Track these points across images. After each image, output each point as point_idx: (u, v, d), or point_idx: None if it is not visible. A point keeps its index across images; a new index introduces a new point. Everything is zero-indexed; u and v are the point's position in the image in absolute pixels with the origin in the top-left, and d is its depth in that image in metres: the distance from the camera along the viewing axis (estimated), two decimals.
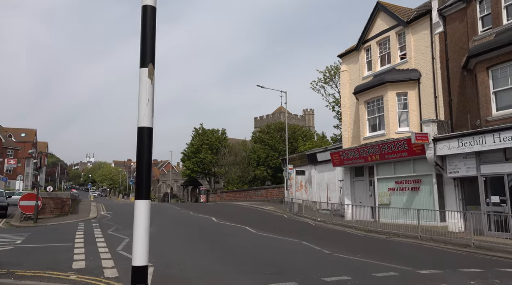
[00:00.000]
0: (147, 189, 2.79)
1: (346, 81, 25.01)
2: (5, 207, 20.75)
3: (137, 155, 2.72)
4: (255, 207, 32.36)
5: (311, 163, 30.27)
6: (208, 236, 13.64)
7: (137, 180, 2.74)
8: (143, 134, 2.71)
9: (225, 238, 12.98)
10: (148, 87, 2.76)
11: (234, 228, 16.07)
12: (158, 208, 29.61)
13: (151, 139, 2.75)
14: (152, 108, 2.79)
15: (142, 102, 2.74)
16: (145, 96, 2.75)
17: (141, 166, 2.72)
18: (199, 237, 13.04)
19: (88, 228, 15.45)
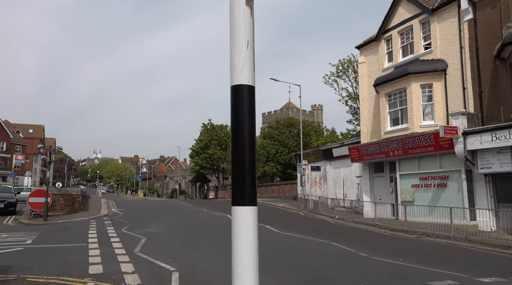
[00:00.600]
0: (251, 190, 1.75)
1: (364, 73, 24.00)
2: (14, 204, 20.11)
3: (234, 135, 1.73)
4: (267, 204, 31.54)
5: (326, 159, 29.34)
6: (228, 236, 12.79)
7: (236, 176, 1.74)
8: (242, 99, 1.68)
9: None
10: (246, 21, 1.75)
11: None
12: (170, 205, 28.88)
13: (253, 107, 1.73)
14: (253, 55, 1.77)
15: (238, 46, 1.72)
16: (243, 36, 1.73)
17: (240, 153, 1.69)
18: (220, 238, 12.20)
19: (101, 226, 14.71)
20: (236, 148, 1.75)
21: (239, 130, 1.71)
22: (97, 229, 13.84)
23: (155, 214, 20.61)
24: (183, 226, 15.63)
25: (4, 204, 19.63)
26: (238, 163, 1.72)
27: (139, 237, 11.74)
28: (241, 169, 1.71)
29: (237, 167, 1.72)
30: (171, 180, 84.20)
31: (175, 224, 15.95)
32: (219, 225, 15.97)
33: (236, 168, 1.74)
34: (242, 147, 1.69)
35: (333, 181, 28.66)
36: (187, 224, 16.39)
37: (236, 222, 1.80)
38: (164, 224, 15.84)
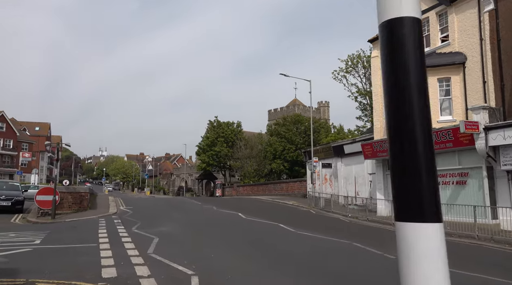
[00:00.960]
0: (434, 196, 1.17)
1: (377, 67, 23.35)
2: (21, 202, 19.75)
3: (392, 102, 1.16)
4: (277, 201, 31.03)
5: (337, 156, 28.76)
6: (244, 235, 12.28)
7: (404, 173, 1.18)
8: (403, 41, 1.17)
9: (264, 238, 11.64)
10: None
11: (268, 226, 14.73)
12: (178, 203, 28.46)
13: (422, 57, 1.16)
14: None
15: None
16: None
17: (408, 134, 1.17)
18: (235, 238, 11.69)
19: (110, 225, 14.27)
20: (400, 124, 1.17)
21: (402, 91, 1.13)
22: (107, 228, 13.41)
23: (164, 212, 20.18)
24: (194, 224, 15.15)
25: (11, 202, 19.27)
26: (404, 151, 1.14)
27: (151, 236, 11.28)
28: (414, 162, 1.15)
29: (404, 159, 1.15)
30: (177, 178, 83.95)
31: (186, 223, 15.48)
32: (230, 224, 15.48)
33: (402, 161, 1.15)
34: (410, 121, 1.14)
35: (344, 178, 28.09)
36: (198, 222, 15.92)
37: (412, 247, 1.17)
38: (174, 222, 15.38)
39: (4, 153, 66.53)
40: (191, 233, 12.43)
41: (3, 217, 17.98)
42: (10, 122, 68.79)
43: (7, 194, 19.57)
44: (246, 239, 11.44)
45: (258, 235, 12.23)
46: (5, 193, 19.60)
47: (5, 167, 66.37)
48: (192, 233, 12.43)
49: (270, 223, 15.58)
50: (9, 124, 68.33)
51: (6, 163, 67.10)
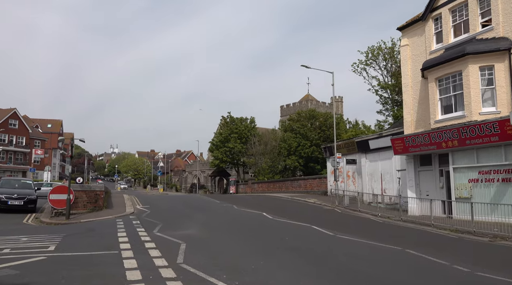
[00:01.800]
0: None
1: (407, 57, 21.87)
2: (34, 201, 18.80)
3: None
4: (297, 199, 29.78)
5: (361, 151, 27.34)
6: (279, 240, 11.02)
7: None
8: None
9: (303, 244, 10.33)
10: None
11: (301, 229, 13.47)
12: (195, 201, 27.32)
13: None
14: None
15: None
16: None
17: None
18: (270, 243, 10.39)
19: (130, 227, 13.14)
20: None
21: None
22: (127, 230, 12.28)
23: (183, 211, 19.05)
24: (219, 226, 13.93)
25: (23, 201, 18.33)
26: None
27: (177, 241, 10.10)
28: None
29: None
30: (190, 175, 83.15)
31: (211, 224, 14.28)
32: (259, 226, 14.24)
33: None
34: None
35: (369, 175, 26.67)
36: (222, 224, 14.68)
37: None
38: (198, 224, 14.20)
39: (17, 150, 66.35)
40: (220, 237, 11.21)
41: (15, 217, 17.05)
42: (22, 119, 68.58)
43: (20, 192, 18.63)
44: (283, 244, 10.15)
45: (295, 240, 10.95)
46: (17, 191, 18.67)
47: (18, 164, 66.22)
48: (221, 237, 11.21)
49: (302, 224, 14.32)
50: (21, 121, 68.11)
51: (19, 160, 66.93)
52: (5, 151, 64.93)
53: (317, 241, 10.68)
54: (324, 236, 11.66)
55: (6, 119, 65.02)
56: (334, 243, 10.48)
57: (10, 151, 65.64)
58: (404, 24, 22.21)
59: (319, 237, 11.52)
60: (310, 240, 10.82)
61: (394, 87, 37.11)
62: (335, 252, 9.16)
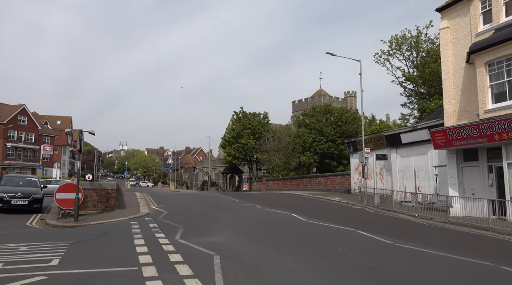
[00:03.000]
0: None
1: (448, 40, 19.72)
2: (39, 200, 17.12)
3: None
4: (319, 198, 27.82)
5: (391, 146, 25.25)
6: (329, 250, 8.85)
7: None
8: None
9: (364, 256, 8.21)
10: None
11: (346, 234, 11.53)
12: (212, 199, 25.48)
13: None
14: None
15: None
16: None
17: None
18: (325, 256, 8.41)
19: (147, 232, 11.30)
20: None
21: None
22: (144, 236, 10.44)
23: (203, 212, 17.21)
24: (251, 231, 11.98)
25: (28, 200, 16.64)
26: None
27: (208, 252, 8.23)
28: None
29: None
30: (200, 172, 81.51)
31: (239, 229, 12.37)
32: (295, 230, 12.25)
33: None
34: None
35: (400, 172, 24.57)
36: (253, 228, 12.65)
37: None
38: (224, 227, 12.33)
39: (26, 147, 65.30)
40: (257, 247, 9.30)
41: (18, 218, 15.37)
42: (31, 116, 67.49)
43: (24, 191, 16.95)
44: (344, 259, 8.11)
45: (353, 252, 8.89)
46: (21, 190, 16.99)
47: (27, 161, 65.17)
48: (259, 247, 9.29)
49: (344, 229, 12.38)
50: (30, 117, 67.02)
51: (28, 157, 65.89)
52: (14, 148, 63.90)
53: (383, 254, 8.66)
54: (383, 246, 9.68)
55: (15, 115, 63.94)
56: (404, 257, 8.46)
57: (19, 148, 64.61)
58: (444, 4, 20.07)
59: (378, 247, 9.54)
60: (371, 252, 8.81)
61: (419, 78, 34.87)
62: (423, 274, 7.13)
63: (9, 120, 62.56)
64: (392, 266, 7.46)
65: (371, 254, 8.58)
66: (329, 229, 12.29)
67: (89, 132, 14.76)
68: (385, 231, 12.22)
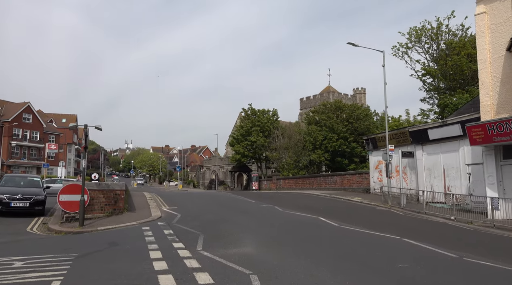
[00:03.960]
0: None
1: (485, 27, 18.05)
2: (42, 202, 15.71)
3: None
4: (337, 198, 26.26)
5: (416, 143, 23.61)
6: (395, 270, 7.45)
7: None
8: None
9: (440, 279, 6.80)
10: None
11: (393, 243, 9.95)
12: (225, 200, 23.97)
13: None
14: None
15: None
16: None
17: None
18: (390, 279, 6.95)
19: (163, 241, 9.77)
20: None
21: None
22: (160, 246, 8.95)
23: (221, 215, 15.70)
24: (280, 239, 10.32)
25: (29, 202, 15.22)
26: None
27: (241, 270, 6.72)
28: None
29: None
30: (208, 170, 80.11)
31: (266, 235, 10.81)
32: (337, 241, 10.47)
33: None
34: None
35: (427, 170, 22.91)
36: (285, 236, 10.79)
37: None
38: (249, 234, 10.80)
39: (31, 145, 64.28)
40: (295, 261, 7.74)
41: (18, 222, 13.97)
42: (36, 114, 66.43)
43: (25, 192, 15.53)
44: (412, 279, 6.63)
45: (415, 269, 7.22)
46: (21, 191, 15.57)
47: (32, 159, 64.14)
48: (297, 261, 7.73)
49: (388, 236, 10.81)
50: (35, 115, 65.95)
51: (33, 155, 64.86)
52: (19, 146, 62.88)
53: (464, 276, 7.09)
54: (452, 262, 8.02)
55: (19, 113, 62.90)
56: (496, 281, 6.91)
57: (24, 146, 63.59)
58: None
59: (447, 263, 7.88)
60: (444, 272, 7.17)
61: (440, 72, 33.10)
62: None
63: (14, 118, 61.52)
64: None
65: (446, 275, 6.99)
66: (370, 237, 10.72)
67: (96, 127, 13.31)
68: (434, 239, 10.67)
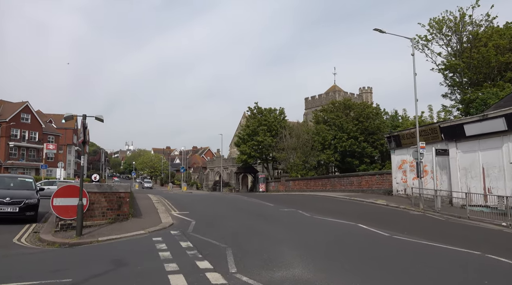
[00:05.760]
0: None
1: None
2: (34, 206, 13.52)
3: None
4: (359, 200, 24.09)
5: (448, 140, 21.45)
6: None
7: None
8: None
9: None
10: None
11: (476, 260, 7.87)
12: (240, 203, 21.70)
13: None
14: None
15: None
16: None
17: None
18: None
19: (182, 258, 7.57)
20: None
21: None
22: (181, 267, 6.78)
23: (241, 221, 13.50)
24: (331, 255, 8.00)
25: (19, 207, 13.02)
26: None
27: None
28: None
29: None
30: (211, 172, 77.87)
31: (310, 250, 8.57)
32: (398, 256, 8.36)
33: None
34: None
35: (463, 169, 20.72)
36: (330, 249, 8.64)
37: None
38: (287, 248, 8.61)
39: (29, 146, 62.16)
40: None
41: (5, 230, 11.78)
42: (35, 114, 64.33)
43: (14, 195, 13.31)
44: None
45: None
46: (10, 193, 13.35)
47: (31, 160, 62.00)
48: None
49: (468, 251, 8.66)
50: (34, 115, 63.84)
51: (31, 156, 62.71)
52: (17, 147, 60.76)
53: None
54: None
55: (18, 113, 60.79)
56: None
57: (23, 147, 61.47)
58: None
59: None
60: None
61: (465, 64, 30.91)
62: None
63: (12, 118, 59.42)
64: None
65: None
66: (439, 252, 8.55)
67: (96, 117, 11.19)
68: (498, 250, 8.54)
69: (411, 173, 25.07)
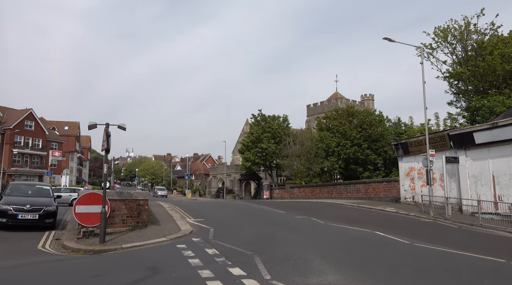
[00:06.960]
0: None
1: None
2: (53, 213, 13.65)
3: None
4: (368, 207, 24.20)
5: (458, 147, 21.64)
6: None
7: None
8: None
9: None
10: None
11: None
12: (250, 210, 21.82)
13: None
14: None
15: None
16: None
17: None
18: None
19: (213, 265, 7.67)
20: None
21: None
22: (215, 273, 6.83)
23: (258, 228, 13.61)
24: (357, 263, 8.14)
25: (39, 214, 13.17)
26: None
27: None
28: None
29: None
30: (214, 178, 77.91)
31: (337, 257, 8.62)
32: (428, 266, 8.53)
33: None
34: None
35: (472, 177, 20.89)
36: (354, 257, 8.80)
37: None
38: (313, 254, 8.70)
39: (33, 153, 62.25)
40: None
41: (27, 237, 11.94)
42: (39, 121, 64.56)
43: (34, 202, 13.48)
44: None
45: None
46: (30, 201, 13.51)
47: (34, 168, 62.07)
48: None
49: (486, 258, 8.77)
50: (38, 122, 64.07)
51: (35, 163, 62.80)
52: (21, 154, 60.86)
53: None
54: None
55: (22, 120, 61.01)
56: None
57: (26, 154, 61.57)
58: None
59: None
60: None
61: (470, 73, 31.21)
62: None
63: (16, 125, 59.63)
64: None
65: None
66: (467, 260, 8.66)
67: (119, 126, 11.38)
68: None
69: (419, 181, 25.21)
